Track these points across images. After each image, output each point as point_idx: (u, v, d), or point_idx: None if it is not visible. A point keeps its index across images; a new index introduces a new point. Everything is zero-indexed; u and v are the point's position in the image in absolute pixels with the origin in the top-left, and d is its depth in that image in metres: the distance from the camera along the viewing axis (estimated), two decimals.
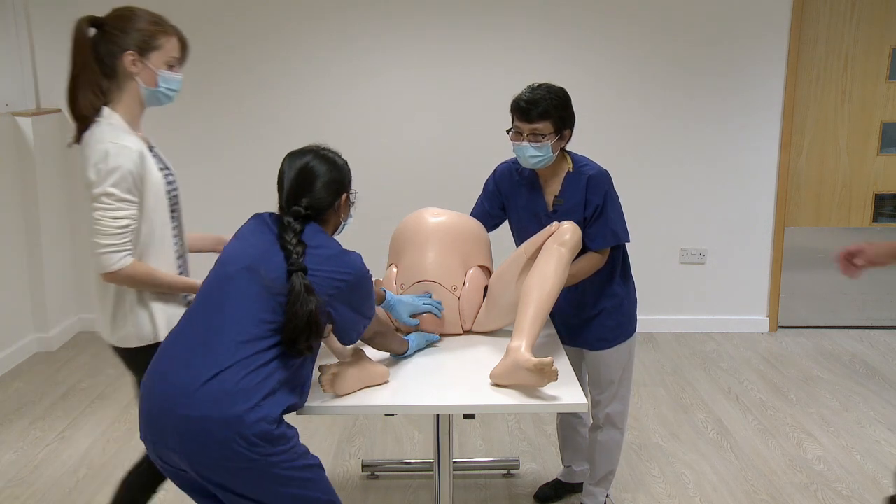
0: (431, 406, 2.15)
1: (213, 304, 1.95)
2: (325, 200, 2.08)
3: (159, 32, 2.24)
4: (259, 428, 1.83)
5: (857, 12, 4.74)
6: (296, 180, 2.09)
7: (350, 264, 2.01)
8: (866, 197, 4.95)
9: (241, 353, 1.86)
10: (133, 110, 2.27)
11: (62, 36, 4.72)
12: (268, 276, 1.92)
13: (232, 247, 2.06)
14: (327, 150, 2.18)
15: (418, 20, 4.72)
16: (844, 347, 4.79)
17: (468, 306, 2.56)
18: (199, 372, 1.85)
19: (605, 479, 2.97)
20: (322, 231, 2.06)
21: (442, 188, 4.79)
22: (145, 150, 2.21)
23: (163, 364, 1.93)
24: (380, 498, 3.21)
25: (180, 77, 2.31)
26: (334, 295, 1.98)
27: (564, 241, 2.36)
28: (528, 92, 2.58)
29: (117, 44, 2.22)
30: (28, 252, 4.61)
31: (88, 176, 2.14)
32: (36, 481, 3.29)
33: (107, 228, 2.11)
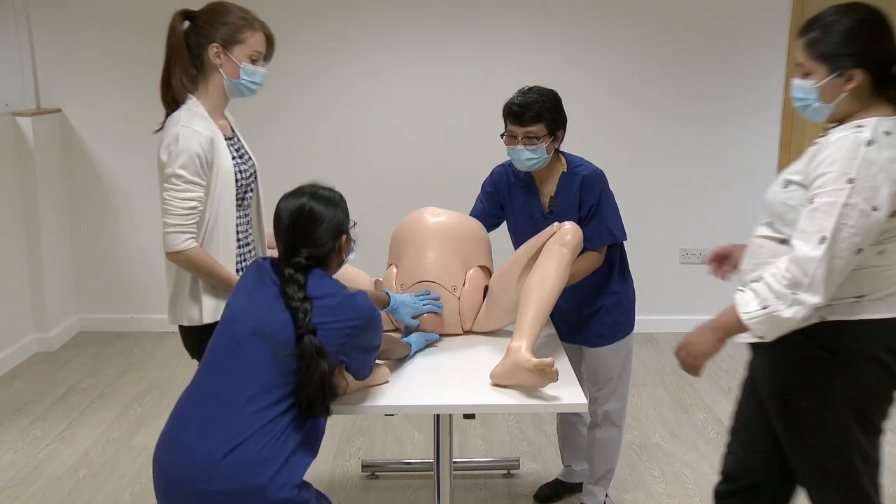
0: (431, 406, 2.16)
1: (225, 370, 1.90)
2: (326, 246, 2.02)
3: (244, 27, 2.30)
4: (283, 496, 1.81)
5: None
6: (293, 229, 2.01)
7: (357, 308, 1.96)
8: None
9: (258, 421, 1.82)
10: (216, 100, 2.36)
11: (62, 36, 4.72)
12: (276, 339, 1.87)
13: (236, 303, 2.00)
14: (322, 189, 2.08)
15: (418, 20, 4.72)
16: None
17: (468, 306, 2.56)
18: (217, 445, 1.81)
19: (604, 478, 2.97)
20: (325, 276, 2.01)
21: (442, 188, 4.79)
22: (218, 137, 2.29)
23: (177, 432, 1.90)
24: (380, 498, 3.21)
25: (264, 71, 2.37)
26: (345, 343, 1.94)
27: (566, 241, 2.36)
28: (519, 96, 2.60)
29: (205, 36, 2.31)
30: (28, 252, 4.61)
31: (161, 157, 2.29)
32: (36, 481, 3.29)
33: (174, 209, 2.25)
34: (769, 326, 1.83)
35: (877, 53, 1.84)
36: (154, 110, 2.45)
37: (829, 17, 1.86)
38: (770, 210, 1.97)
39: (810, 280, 1.78)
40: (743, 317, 1.85)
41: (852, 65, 1.84)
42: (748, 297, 1.86)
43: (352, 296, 1.98)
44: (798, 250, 1.80)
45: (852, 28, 1.84)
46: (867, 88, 1.86)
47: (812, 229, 1.79)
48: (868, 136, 1.79)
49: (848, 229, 1.76)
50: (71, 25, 4.71)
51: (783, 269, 1.81)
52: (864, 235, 1.78)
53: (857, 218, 1.76)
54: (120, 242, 4.96)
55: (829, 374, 1.91)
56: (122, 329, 5.01)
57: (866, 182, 1.76)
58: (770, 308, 1.81)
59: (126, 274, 4.99)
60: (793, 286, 1.79)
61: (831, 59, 1.85)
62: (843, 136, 1.81)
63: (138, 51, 4.71)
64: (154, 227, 4.91)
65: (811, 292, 1.78)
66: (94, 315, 5.04)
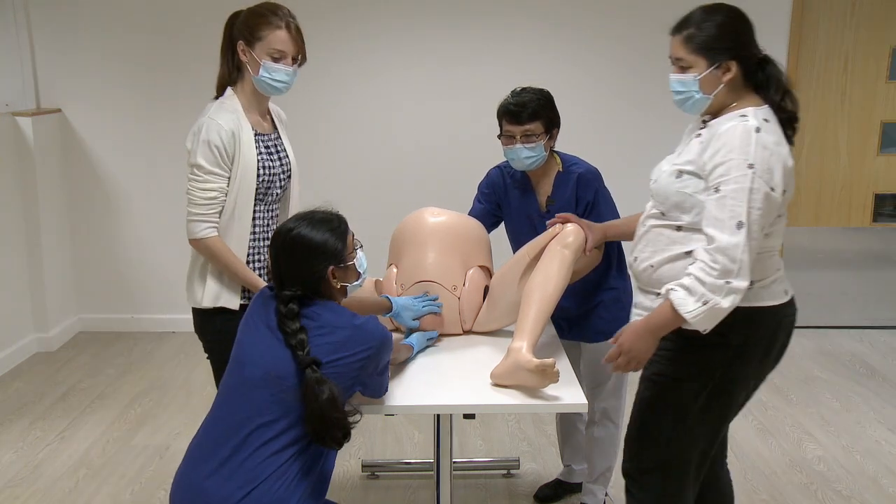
0: (431, 406, 2.16)
1: (238, 412, 1.89)
2: (314, 276, 1.96)
3: (263, 24, 2.33)
4: None
5: (857, 13, 4.73)
6: (277, 261, 1.98)
7: (369, 338, 1.94)
8: (866, 197, 4.95)
9: (273, 464, 1.83)
10: (250, 95, 2.42)
11: (62, 36, 4.72)
12: (286, 383, 1.85)
13: (245, 342, 1.98)
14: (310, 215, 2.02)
15: (418, 20, 4.72)
16: (844, 347, 4.79)
17: (468, 306, 2.56)
18: (233, 489, 1.81)
19: (603, 476, 2.97)
20: (327, 305, 1.96)
21: (442, 188, 4.78)
22: (244, 131, 2.36)
23: (192, 475, 1.89)
24: (380, 498, 3.21)
25: (287, 69, 2.36)
26: (360, 374, 1.94)
27: (568, 242, 2.37)
28: (514, 96, 2.64)
29: (235, 33, 2.39)
30: (28, 252, 4.61)
31: (186, 145, 2.37)
32: (36, 481, 3.29)
33: (196, 199, 2.33)
34: (711, 319, 1.92)
35: (746, 47, 2.01)
36: (154, 110, 2.46)
37: (701, 15, 2.02)
38: (664, 200, 2.07)
39: (739, 266, 1.87)
40: (686, 316, 1.92)
41: (728, 57, 1.98)
42: (682, 295, 1.92)
43: (361, 325, 1.94)
44: (718, 240, 1.88)
45: (724, 24, 2.00)
46: (739, 80, 2.01)
47: (726, 216, 1.88)
48: (754, 123, 1.92)
49: (756, 212, 1.88)
50: (71, 25, 4.71)
51: (709, 261, 1.89)
52: (768, 217, 1.91)
53: (762, 200, 1.88)
54: (120, 242, 4.96)
55: (712, 351, 2.03)
56: (122, 329, 5.01)
57: (763, 165, 1.88)
58: (710, 303, 1.89)
59: (126, 274, 4.99)
60: (724, 275, 1.88)
61: (710, 51, 1.99)
62: (732, 126, 1.93)
63: (138, 51, 4.71)
64: (154, 227, 4.93)
65: (741, 277, 1.88)
66: (94, 315, 5.04)
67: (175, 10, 4.70)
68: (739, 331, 2.01)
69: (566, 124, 2.80)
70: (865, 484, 3.27)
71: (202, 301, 2.40)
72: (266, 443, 1.84)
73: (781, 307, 2.09)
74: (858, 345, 4.82)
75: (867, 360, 4.58)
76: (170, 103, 4.73)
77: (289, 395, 1.85)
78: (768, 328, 2.07)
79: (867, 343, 4.85)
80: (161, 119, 4.75)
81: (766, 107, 2.01)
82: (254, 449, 1.83)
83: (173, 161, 4.83)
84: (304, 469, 1.87)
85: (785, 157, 1.94)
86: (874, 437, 3.68)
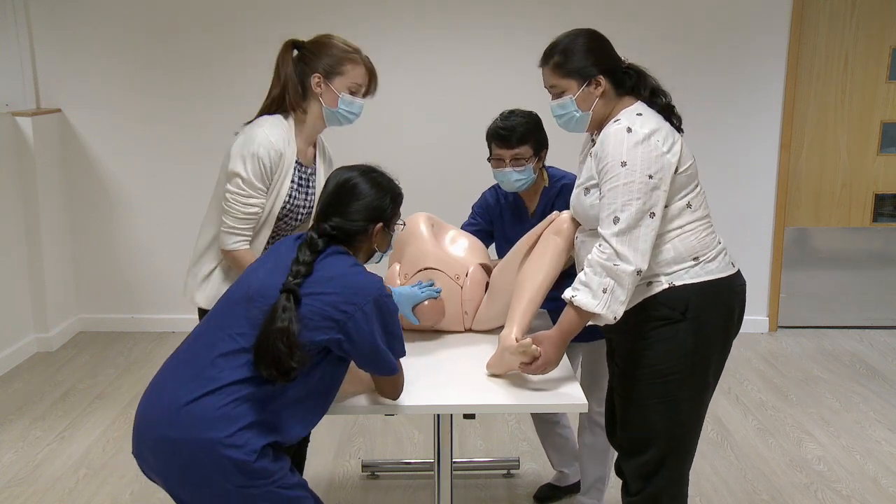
0: (431, 406, 2.16)
1: (213, 327, 1.91)
2: (357, 224, 1.98)
3: (346, 60, 2.43)
4: (236, 455, 1.77)
5: (857, 12, 4.73)
6: (331, 196, 2.01)
7: (360, 291, 1.88)
8: (866, 197, 4.95)
9: (227, 378, 1.80)
10: (311, 125, 2.47)
11: (62, 36, 4.72)
12: (260, 302, 1.85)
13: (249, 269, 2.01)
14: (378, 173, 2.07)
15: (419, 20, 4.72)
16: (844, 347, 4.79)
17: (470, 297, 2.57)
18: (183, 393, 1.81)
19: (595, 488, 2.89)
20: (345, 254, 1.97)
21: (442, 189, 4.79)
22: (289, 156, 2.39)
23: (157, 378, 1.92)
24: (380, 498, 3.21)
25: (362, 102, 2.49)
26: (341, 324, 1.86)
27: (561, 230, 2.38)
28: (503, 120, 2.69)
29: (309, 65, 2.42)
30: (28, 252, 4.61)
31: (232, 150, 2.37)
32: (36, 481, 3.29)
33: (237, 212, 2.35)
34: (615, 306, 2.04)
35: (609, 60, 2.22)
36: (154, 110, 2.46)
37: (564, 41, 2.21)
38: (585, 219, 2.25)
39: (618, 252, 2.02)
40: (596, 310, 2.04)
41: (597, 72, 2.18)
42: (582, 294, 2.06)
43: (357, 273, 1.92)
44: (601, 234, 2.07)
45: (586, 44, 2.20)
46: (610, 91, 2.20)
47: (605, 214, 2.07)
48: (626, 123, 2.10)
49: (635, 202, 2.03)
50: (71, 25, 4.71)
51: (595, 254, 2.06)
52: (650, 199, 2.05)
53: (639, 189, 2.03)
54: (120, 242, 4.96)
55: (676, 332, 2.13)
56: (122, 329, 5.01)
57: (636, 159, 2.05)
58: (608, 290, 2.03)
59: (126, 274, 4.99)
60: (610, 260, 2.03)
61: (579, 72, 2.18)
62: (607, 133, 2.12)
63: (138, 51, 4.71)
64: (154, 227, 4.93)
65: (625, 262, 2.02)
66: (94, 315, 5.04)
67: (175, 10, 4.70)
68: (697, 304, 2.13)
69: None
70: (865, 484, 3.27)
71: (193, 299, 2.48)
72: (226, 354, 1.83)
73: (731, 278, 2.21)
74: (858, 345, 4.82)
75: (867, 360, 4.58)
76: (170, 103, 4.73)
77: (258, 315, 1.83)
78: (722, 298, 2.19)
79: (867, 343, 4.85)
80: (161, 119, 4.75)
81: (638, 103, 2.20)
82: (215, 356, 1.83)
83: (173, 161, 4.84)
84: (256, 398, 1.82)
85: (659, 142, 2.09)
86: (874, 437, 3.68)
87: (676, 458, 2.24)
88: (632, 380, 2.22)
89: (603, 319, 2.07)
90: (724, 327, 2.21)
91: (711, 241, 2.20)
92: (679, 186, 2.15)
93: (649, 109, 2.19)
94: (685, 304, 2.13)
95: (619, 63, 2.25)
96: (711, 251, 2.18)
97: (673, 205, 2.13)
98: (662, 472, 2.23)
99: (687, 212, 2.16)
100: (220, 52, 4.72)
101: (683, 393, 2.18)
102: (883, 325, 5.07)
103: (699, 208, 2.20)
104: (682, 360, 2.15)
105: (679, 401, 2.18)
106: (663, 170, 2.07)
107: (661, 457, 2.22)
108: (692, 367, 2.16)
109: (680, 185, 2.15)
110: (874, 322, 5.08)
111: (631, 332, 2.17)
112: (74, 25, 4.70)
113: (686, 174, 2.16)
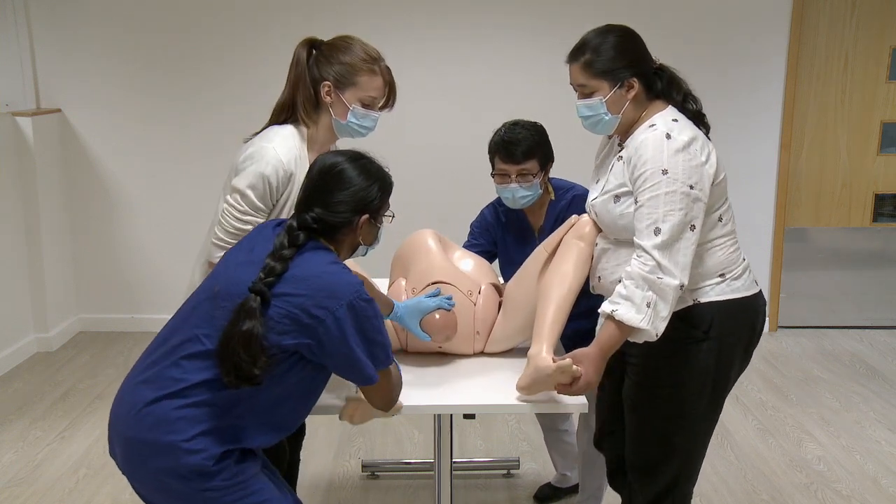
0: (431, 406, 2.15)
1: (179, 321, 1.83)
2: (341, 216, 1.83)
3: (362, 70, 2.21)
4: (193, 462, 1.71)
5: (857, 12, 4.73)
6: (314, 183, 1.86)
7: (333, 293, 1.73)
8: (866, 197, 4.95)
9: (189, 379, 1.73)
10: (322, 135, 2.28)
11: (62, 36, 4.72)
12: (226, 302, 1.73)
13: (221, 261, 1.91)
14: (367, 159, 1.93)
15: (419, 20, 4.72)
16: (844, 347, 4.79)
17: (483, 316, 2.36)
18: (145, 393, 1.76)
19: (594, 497, 2.82)
20: (324, 249, 1.83)
21: (442, 190, 4.79)
22: (301, 171, 2.17)
23: (127, 379, 1.87)
24: (380, 498, 3.21)
25: (377, 115, 2.28)
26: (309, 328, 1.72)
27: (583, 234, 2.22)
28: (507, 132, 2.53)
29: (321, 71, 2.23)
30: (28, 252, 4.61)
31: (237, 161, 2.19)
32: (36, 481, 3.29)
33: (229, 226, 2.19)
34: (658, 322, 1.93)
35: (642, 61, 2.10)
36: (154, 110, 2.44)
37: (595, 39, 2.10)
38: (612, 228, 2.13)
39: (661, 265, 1.92)
40: (640, 325, 1.92)
41: (629, 75, 2.06)
42: (624, 308, 1.93)
43: (334, 273, 1.77)
44: (641, 245, 1.95)
45: (619, 43, 2.08)
46: (642, 94, 2.09)
47: (644, 225, 1.95)
48: (664, 129, 1.99)
49: (677, 213, 1.93)
50: (71, 25, 4.71)
51: (636, 266, 1.94)
52: (692, 211, 1.95)
53: (681, 200, 1.94)
54: (120, 242, 4.96)
55: (698, 351, 2.06)
56: (122, 329, 5.01)
57: (677, 168, 1.94)
58: (651, 304, 1.92)
59: (126, 274, 4.99)
60: (653, 273, 1.91)
61: (611, 73, 2.06)
62: (643, 139, 2.01)
63: (138, 50, 4.71)
64: (154, 227, 4.93)
65: (669, 276, 1.92)
66: (94, 315, 5.04)
67: (176, 9, 4.70)
68: (721, 323, 2.06)
69: (571, 126, 2.76)
70: (865, 484, 3.27)
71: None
72: (190, 357, 1.74)
73: (755, 297, 2.14)
74: (858, 345, 4.82)
75: (867, 360, 4.58)
76: (170, 103, 4.73)
77: (223, 316, 1.72)
78: (746, 318, 2.12)
79: (867, 343, 4.85)
80: (161, 119, 4.75)
81: (670, 107, 2.09)
82: (178, 358, 1.75)
83: (173, 161, 4.84)
84: (220, 402, 1.73)
85: (697, 151, 1.99)
86: (874, 437, 3.68)
87: (687, 475, 2.20)
88: (650, 396, 2.15)
89: (644, 335, 1.95)
90: (745, 348, 2.14)
91: (737, 258, 2.14)
92: (714, 199, 2.05)
93: (682, 115, 2.09)
94: (709, 322, 2.05)
95: (652, 64, 2.13)
96: (737, 267, 2.12)
97: (706, 218, 2.03)
98: (674, 490, 2.19)
99: (718, 225, 2.10)
100: (220, 52, 4.71)
101: (700, 412, 2.13)
102: (883, 325, 5.07)
103: (728, 222, 2.14)
104: (703, 379, 2.09)
105: (696, 420, 2.13)
106: (703, 181, 1.97)
107: (675, 475, 2.18)
108: (712, 387, 2.10)
109: (715, 197, 2.06)
110: (874, 322, 5.08)
111: (650, 348, 2.02)
112: (74, 25, 4.70)
113: (721, 186, 2.08)
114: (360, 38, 2.25)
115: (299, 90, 2.23)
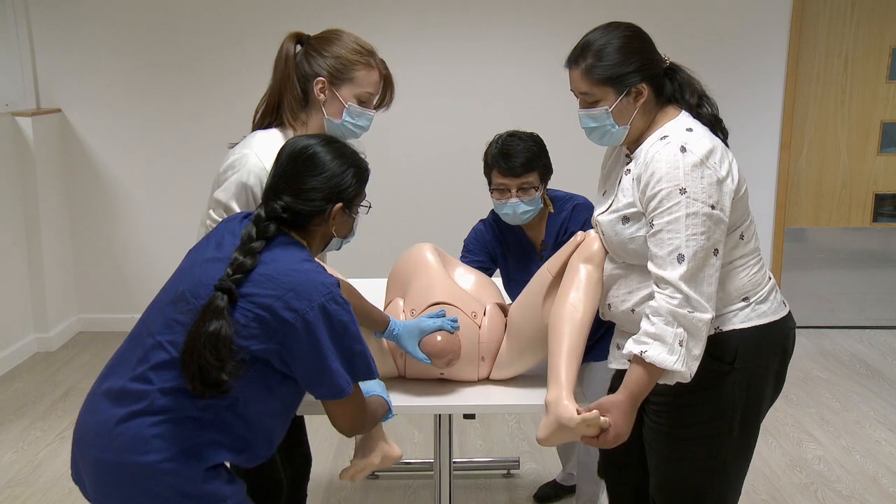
0: (431, 406, 2.15)
1: (145, 332, 1.66)
2: (312, 205, 1.67)
3: (358, 63, 2.08)
4: (174, 483, 1.56)
5: (857, 12, 4.73)
6: (283, 168, 1.69)
7: (304, 294, 1.58)
8: (866, 197, 4.95)
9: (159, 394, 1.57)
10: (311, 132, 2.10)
11: (62, 35, 4.72)
12: (192, 303, 1.59)
13: (186, 257, 1.76)
14: (341, 143, 1.76)
15: (420, 20, 4.72)
16: (844, 347, 4.79)
17: (488, 339, 2.17)
18: (114, 410, 1.59)
19: (589, 501, 2.78)
20: (295, 245, 1.68)
21: (442, 191, 4.79)
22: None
23: (91, 393, 1.69)
24: (380, 498, 3.21)
25: (372, 114, 2.14)
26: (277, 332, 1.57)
27: (591, 255, 2.00)
28: (504, 145, 2.43)
29: (312, 66, 2.08)
30: (28, 252, 4.61)
31: (220, 172, 2.06)
32: (36, 481, 3.29)
33: None
34: (691, 361, 1.73)
35: (652, 64, 1.86)
36: (154, 110, 2.43)
37: (598, 40, 1.85)
38: (622, 252, 1.91)
39: (690, 298, 1.70)
40: (674, 367, 1.70)
41: (638, 80, 1.83)
42: (655, 349, 1.71)
43: (305, 272, 1.61)
44: (664, 277, 1.72)
45: (625, 45, 1.84)
46: (651, 100, 1.85)
47: (665, 252, 1.73)
48: (678, 142, 1.77)
49: (699, 238, 1.71)
50: (71, 25, 4.71)
51: (663, 301, 1.72)
52: (715, 234, 1.74)
53: (703, 223, 1.72)
54: (120, 242, 4.96)
55: (724, 385, 1.86)
56: (122, 329, 4.93)
57: (696, 186, 1.73)
58: (683, 343, 1.70)
59: (126, 273, 4.99)
60: (682, 307, 1.70)
61: (617, 80, 1.82)
62: (655, 154, 1.78)
63: (138, 50, 4.71)
64: (154, 227, 4.93)
65: (700, 310, 1.71)
66: (94, 315, 5.04)
67: (176, 9, 4.70)
68: (747, 352, 1.85)
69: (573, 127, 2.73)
70: (865, 484, 3.27)
71: None
72: (157, 367, 1.58)
73: (784, 321, 1.92)
74: (858, 345, 4.82)
75: (867, 360, 4.58)
76: (170, 103, 4.73)
77: (189, 320, 1.57)
78: (776, 344, 1.91)
79: (867, 343, 4.85)
80: (161, 119, 4.75)
81: (683, 113, 1.87)
82: (146, 369, 1.59)
83: (173, 161, 4.83)
84: (194, 417, 1.58)
85: (717, 164, 1.77)
86: (874, 437, 3.68)
87: None
88: (672, 439, 1.92)
89: (677, 377, 1.73)
90: (776, 376, 1.93)
91: (762, 278, 1.89)
92: (736, 216, 1.83)
93: (696, 122, 1.85)
94: (734, 352, 1.83)
95: (662, 64, 1.89)
96: (763, 289, 1.88)
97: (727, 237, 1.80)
98: None
99: (739, 244, 1.86)
100: (220, 52, 4.71)
101: (732, 452, 1.91)
102: (883, 325, 5.07)
103: (751, 240, 1.89)
104: (731, 416, 1.86)
105: (728, 462, 1.91)
106: (724, 199, 1.75)
107: None
108: (742, 423, 1.88)
109: (738, 214, 1.84)
110: (874, 322, 5.07)
111: (670, 385, 1.78)
112: (74, 25, 4.70)
113: (742, 201, 1.85)
114: (349, 31, 2.13)
115: (286, 89, 2.07)
